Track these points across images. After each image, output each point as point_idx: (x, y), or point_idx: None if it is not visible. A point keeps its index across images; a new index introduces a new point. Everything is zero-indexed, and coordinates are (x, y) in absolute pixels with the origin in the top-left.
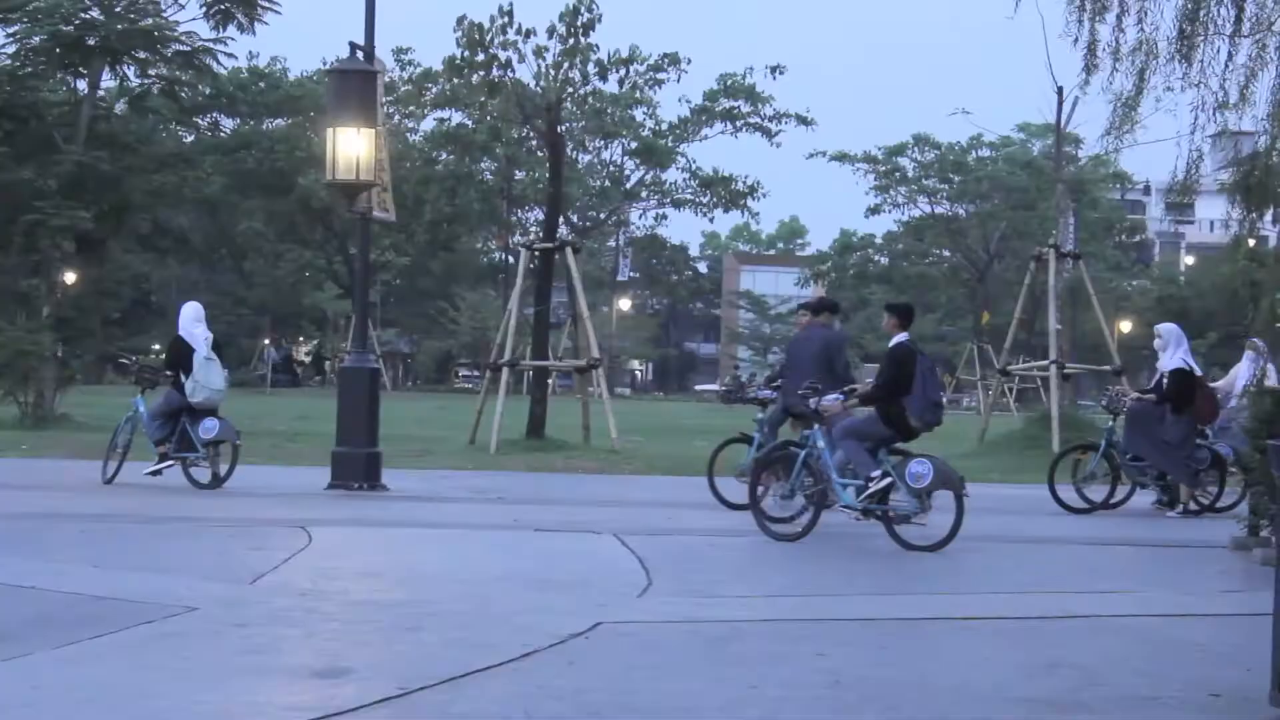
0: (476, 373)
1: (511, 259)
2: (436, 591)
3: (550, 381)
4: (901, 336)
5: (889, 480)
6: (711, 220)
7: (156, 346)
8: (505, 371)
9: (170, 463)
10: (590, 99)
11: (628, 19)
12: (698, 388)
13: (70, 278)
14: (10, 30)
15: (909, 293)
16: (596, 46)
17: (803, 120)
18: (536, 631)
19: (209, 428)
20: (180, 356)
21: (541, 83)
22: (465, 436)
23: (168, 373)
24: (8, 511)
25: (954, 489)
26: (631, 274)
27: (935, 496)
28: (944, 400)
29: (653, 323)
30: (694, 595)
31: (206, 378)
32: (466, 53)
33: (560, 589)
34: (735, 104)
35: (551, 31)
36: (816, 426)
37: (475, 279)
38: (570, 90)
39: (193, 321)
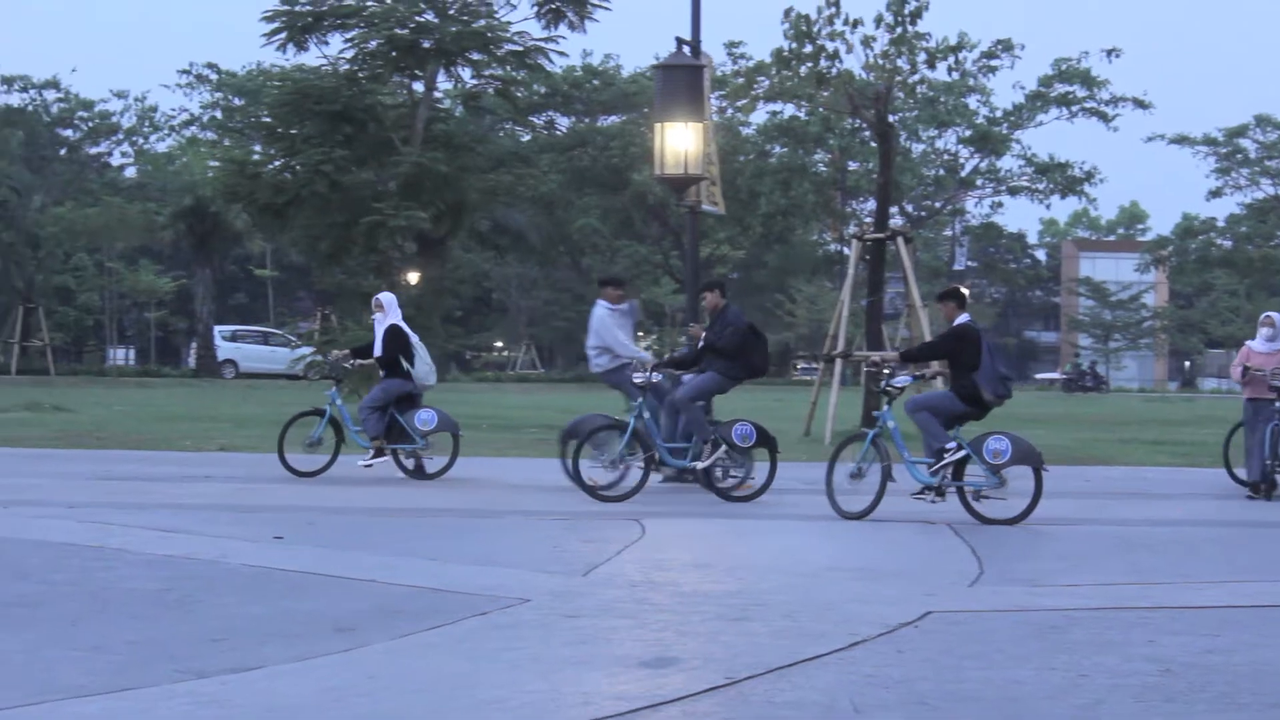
0: (814, 364)
1: (845, 250)
2: (765, 582)
3: None
4: (964, 317)
5: (964, 452)
6: (1048, 207)
7: (500, 344)
8: (839, 362)
9: (385, 457)
10: (921, 88)
11: (957, 5)
12: (1038, 376)
13: (411, 277)
14: (348, 36)
15: (1253, 276)
16: (927, 35)
17: (1139, 103)
18: (865, 621)
19: (427, 419)
20: (402, 344)
21: (870, 73)
22: (801, 428)
23: (374, 360)
24: (348, 507)
25: (1033, 464)
26: (968, 263)
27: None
28: (1011, 374)
29: (991, 311)
30: (1025, 584)
31: (428, 361)
32: (794, 44)
33: (890, 578)
34: (1070, 89)
35: (879, 20)
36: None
37: (811, 271)
38: (899, 79)
39: (400, 310)
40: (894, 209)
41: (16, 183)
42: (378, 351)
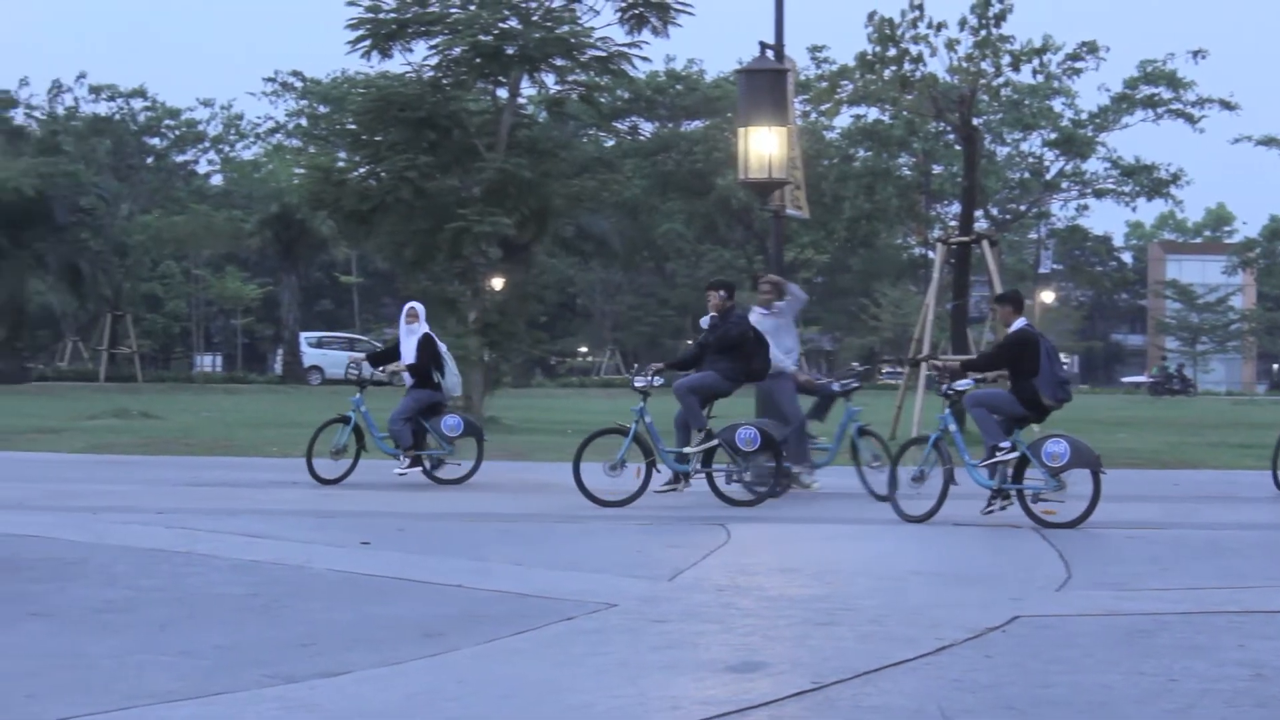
0: (899, 369)
1: (930, 254)
2: (852, 586)
3: None
4: (1020, 322)
5: (1016, 453)
6: (1134, 209)
7: (584, 349)
8: (924, 366)
9: (420, 466)
10: (1005, 90)
11: (1042, 7)
12: (1124, 380)
13: (496, 283)
14: (432, 43)
15: None
16: (1011, 37)
17: (1226, 105)
18: (952, 625)
19: (453, 425)
20: (434, 355)
21: (955, 75)
22: (886, 433)
23: (405, 369)
24: (436, 512)
25: (1092, 467)
26: (1054, 266)
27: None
28: (1069, 377)
29: (1077, 315)
30: (1113, 588)
31: (456, 373)
32: (878, 48)
33: (976, 583)
34: (1156, 90)
35: (963, 23)
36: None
37: (896, 274)
38: (983, 82)
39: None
40: (978, 212)
41: (104, 191)
42: (410, 359)
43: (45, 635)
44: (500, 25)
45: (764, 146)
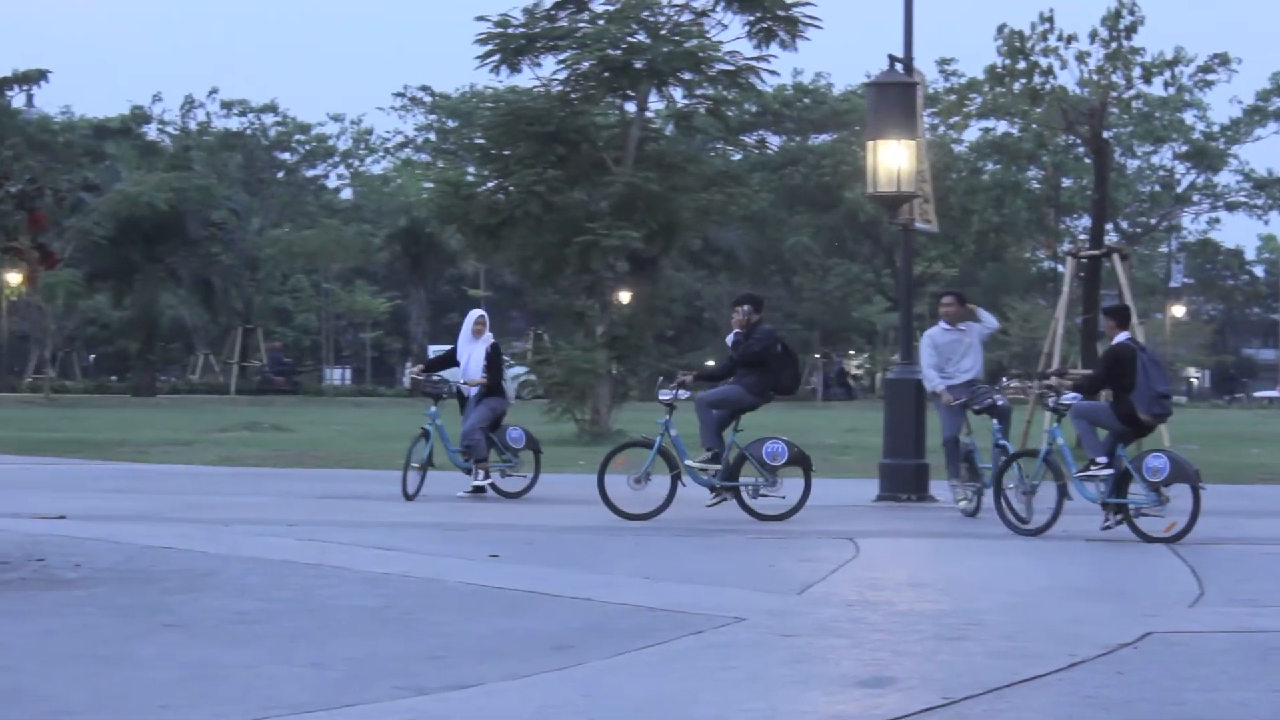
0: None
1: (1059, 267)
2: (981, 601)
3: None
4: (1122, 336)
5: (1110, 471)
6: (1267, 223)
7: (711, 363)
8: (1054, 381)
9: (493, 477)
10: (1136, 103)
11: (1174, 19)
12: (1257, 394)
13: (623, 296)
14: (561, 57)
15: None
16: (1142, 50)
17: None
18: (1083, 641)
19: (517, 436)
20: (502, 363)
21: (1085, 88)
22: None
23: (480, 380)
24: (566, 525)
25: (1190, 482)
26: (1184, 280)
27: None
28: (1169, 390)
29: (1208, 329)
30: (1247, 604)
31: (509, 381)
32: (1008, 61)
33: (1107, 598)
34: None
35: (1093, 36)
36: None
37: (1025, 288)
38: (1114, 95)
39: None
40: (1109, 226)
41: (236, 205)
42: (476, 370)
43: (179, 646)
44: (628, 39)
45: (893, 160)
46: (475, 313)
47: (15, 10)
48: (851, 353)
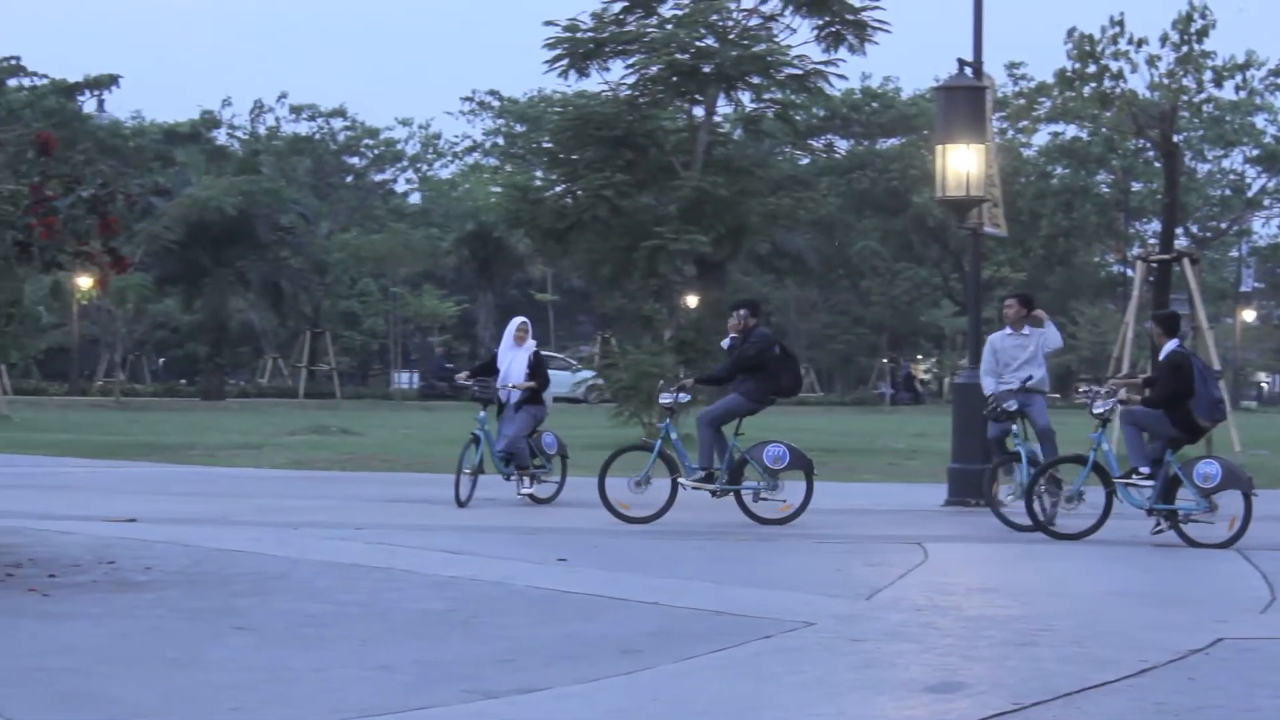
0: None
1: (1129, 272)
2: (1050, 606)
3: None
4: (1172, 344)
5: (1154, 483)
6: None
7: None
8: (1124, 394)
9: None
10: (1207, 106)
11: (1244, 23)
12: None
13: (691, 300)
14: (629, 62)
15: None
16: (1213, 53)
17: None
18: (1154, 647)
19: (550, 442)
20: (546, 370)
21: (1155, 92)
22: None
23: (526, 386)
24: (630, 529)
25: (1243, 489)
26: (1255, 284)
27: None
28: (1224, 396)
29: (1279, 333)
30: None
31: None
32: (1078, 64)
33: (1177, 604)
34: None
35: (1164, 39)
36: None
37: (1094, 293)
38: (1185, 99)
39: None
40: (1179, 230)
41: (305, 209)
42: (519, 376)
43: (250, 649)
44: (697, 44)
45: (962, 164)
46: (517, 320)
47: (87, 16)
48: (919, 357)
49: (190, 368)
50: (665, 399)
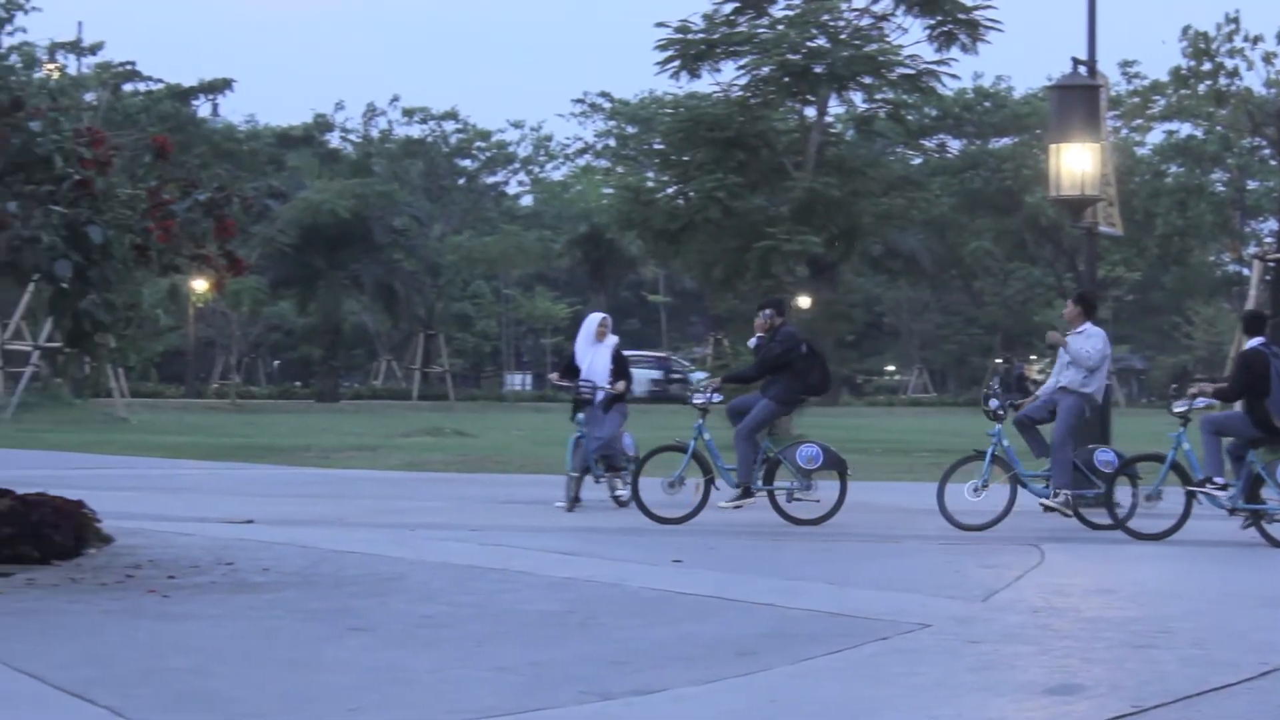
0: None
1: (1245, 271)
2: (1169, 608)
3: None
4: (1254, 342)
5: (1227, 493)
6: None
7: (891, 368)
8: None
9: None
10: None
11: None
12: None
13: (803, 301)
14: (740, 63)
15: None
16: None
17: None
18: (1275, 649)
19: (629, 443)
20: (628, 367)
21: (1271, 89)
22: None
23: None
24: (745, 530)
25: None
26: None
27: None
28: None
29: None
30: None
31: None
32: (1193, 62)
33: None
34: None
35: None
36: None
37: (1209, 292)
38: None
39: None
40: None
41: (418, 212)
42: (605, 376)
43: (366, 649)
44: (808, 44)
45: (1076, 163)
46: (598, 315)
47: (201, 22)
48: (1032, 357)
49: (305, 370)
50: (698, 400)
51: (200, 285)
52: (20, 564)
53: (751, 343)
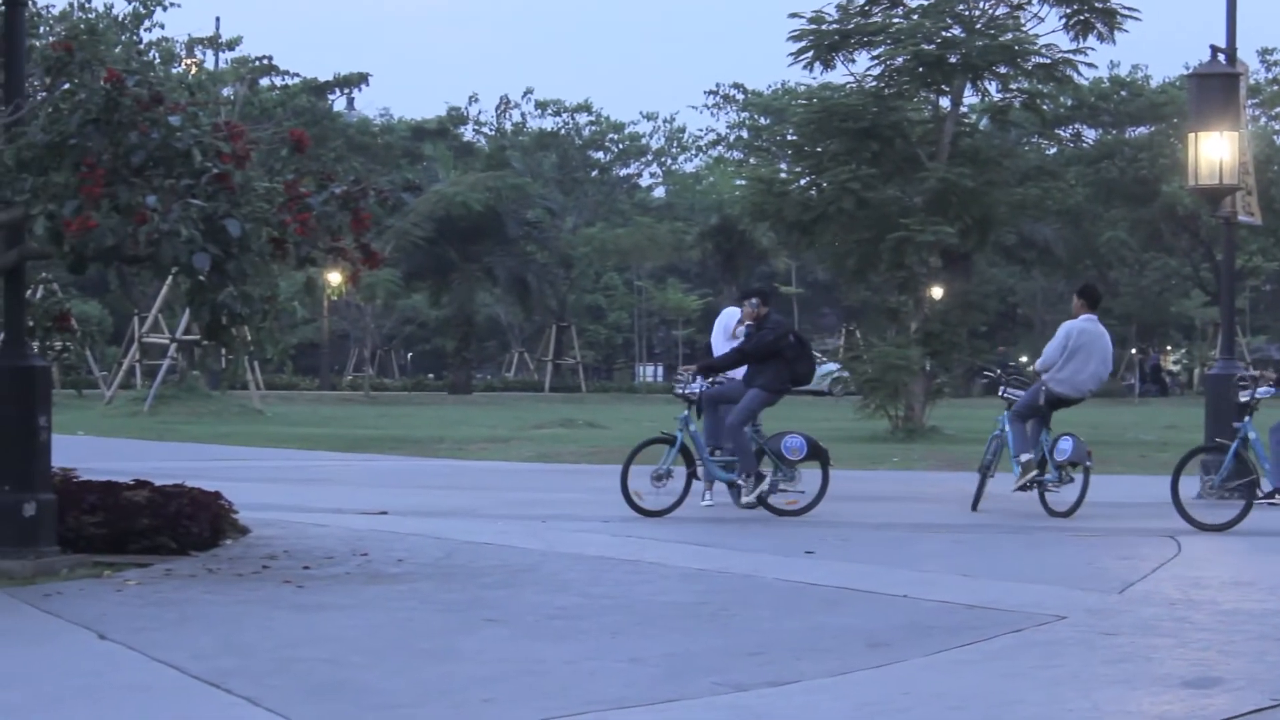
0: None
1: None
2: None
3: None
4: None
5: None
6: None
7: (1025, 358)
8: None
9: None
10: None
11: None
12: None
13: (937, 292)
14: (874, 53)
15: None
16: None
17: None
18: None
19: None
20: None
21: None
22: None
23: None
24: (881, 522)
25: None
26: None
27: None
28: None
29: None
30: None
31: None
32: None
33: None
34: None
35: None
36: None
37: None
38: None
39: None
40: None
41: (551, 204)
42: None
43: (501, 641)
44: (943, 34)
45: (1214, 152)
46: (732, 309)
47: (337, 16)
48: (1168, 348)
49: (438, 362)
50: (693, 389)
51: (335, 278)
52: (158, 555)
53: (739, 331)
